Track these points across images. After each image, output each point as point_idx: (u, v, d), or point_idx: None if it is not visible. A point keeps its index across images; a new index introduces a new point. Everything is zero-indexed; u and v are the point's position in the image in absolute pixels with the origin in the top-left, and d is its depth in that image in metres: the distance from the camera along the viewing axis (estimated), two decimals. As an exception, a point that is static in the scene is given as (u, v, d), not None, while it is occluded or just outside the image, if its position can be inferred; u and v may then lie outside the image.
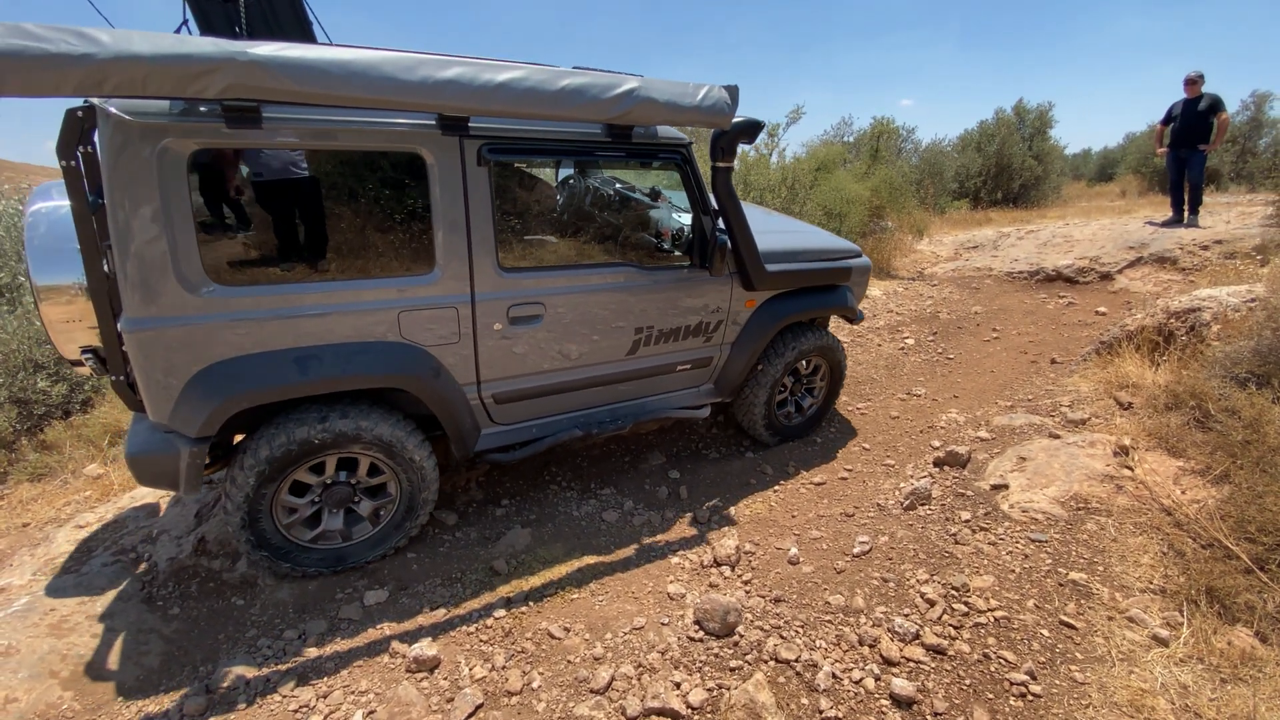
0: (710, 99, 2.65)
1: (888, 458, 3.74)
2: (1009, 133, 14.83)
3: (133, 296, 2.16)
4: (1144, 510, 2.73)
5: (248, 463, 2.48)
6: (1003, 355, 5.41)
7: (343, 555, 2.83)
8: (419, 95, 2.12)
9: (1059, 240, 8.56)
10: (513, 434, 3.05)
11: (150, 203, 2.09)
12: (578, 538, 3.12)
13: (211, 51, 1.86)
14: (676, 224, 3.32)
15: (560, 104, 2.35)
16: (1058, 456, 3.13)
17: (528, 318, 2.82)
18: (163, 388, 2.27)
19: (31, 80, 1.73)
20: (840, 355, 3.92)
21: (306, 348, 2.41)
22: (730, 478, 3.68)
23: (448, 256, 2.58)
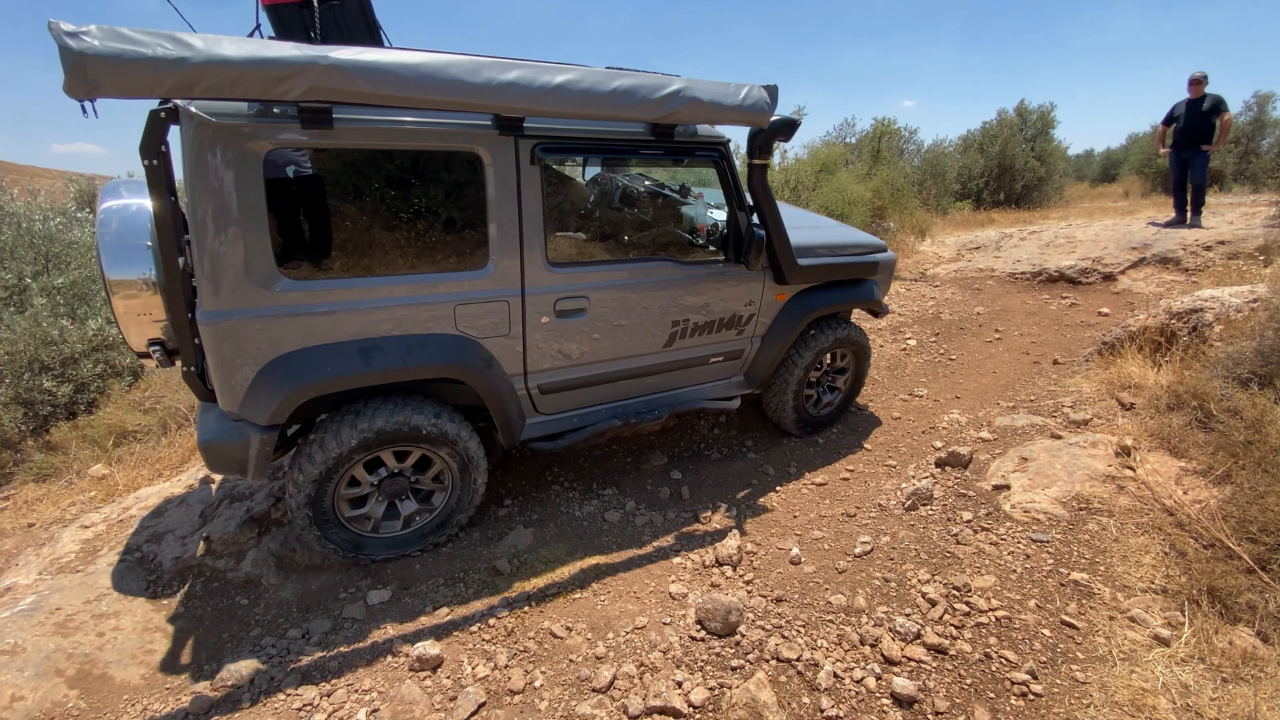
0: (751, 98, 2.75)
1: (889, 458, 3.75)
2: (1011, 134, 14.82)
3: (209, 290, 2.26)
4: (1146, 510, 2.73)
5: (316, 454, 2.58)
6: (1005, 356, 5.41)
7: (404, 540, 2.95)
8: (482, 96, 2.21)
9: (1061, 241, 8.55)
10: (555, 423, 3.16)
11: (228, 199, 2.18)
12: (580, 538, 3.13)
13: (296, 56, 1.96)
14: (710, 220, 3.38)
15: (612, 104, 2.44)
16: (1059, 457, 3.13)
17: (573, 311, 2.92)
18: (235, 378, 2.37)
19: (129, 83, 1.82)
20: (865, 346, 4.02)
21: (370, 339, 2.51)
22: (732, 478, 3.69)
23: (501, 252, 2.67)
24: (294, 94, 1.99)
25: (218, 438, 2.48)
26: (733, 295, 3.37)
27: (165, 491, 3.59)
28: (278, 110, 2.18)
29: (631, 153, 3.02)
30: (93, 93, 1.81)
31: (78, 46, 1.74)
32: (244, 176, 2.18)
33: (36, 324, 5.16)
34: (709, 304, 3.30)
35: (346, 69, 2.01)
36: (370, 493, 2.84)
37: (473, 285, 2.66)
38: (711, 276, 3.26)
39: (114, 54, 1.77)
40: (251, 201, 2.21)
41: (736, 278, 3.34)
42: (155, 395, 5.25)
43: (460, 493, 2.98)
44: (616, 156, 3.19)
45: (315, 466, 2.58)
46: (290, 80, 1.97)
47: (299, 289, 2.38)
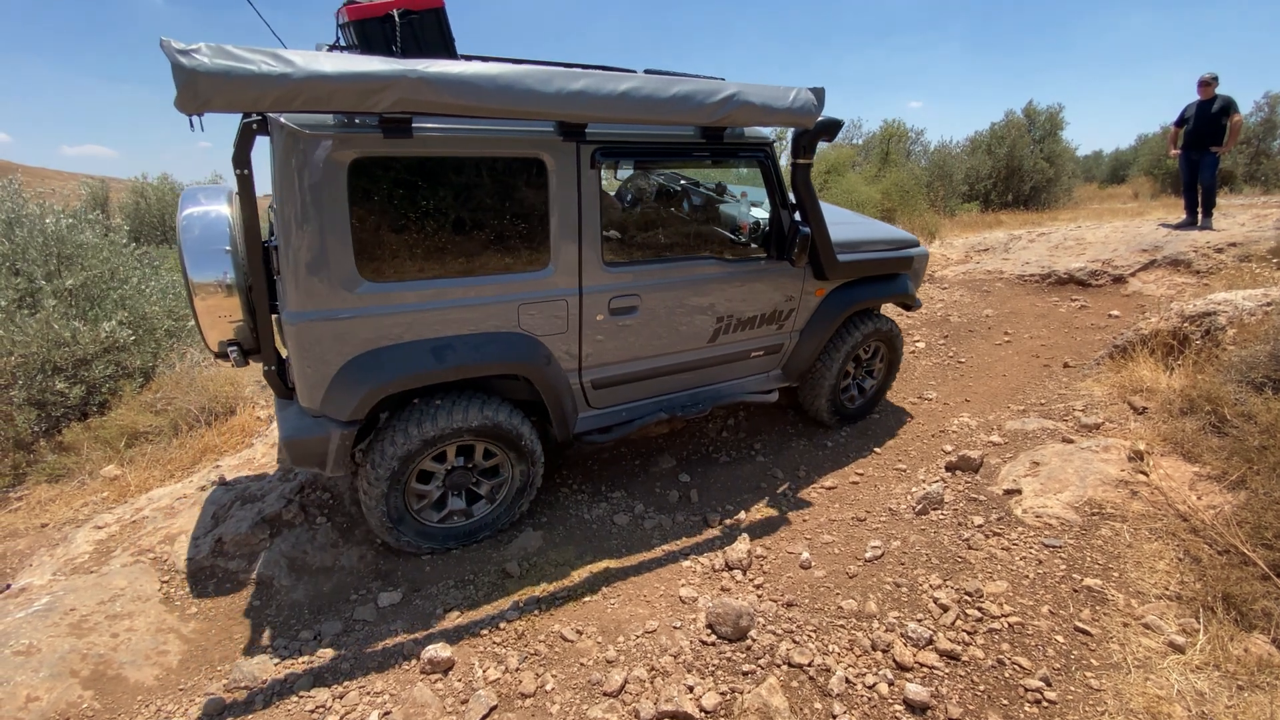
0: (800, 101, 2.88)
1: (899, 462, 3.74)
2: (1019, 135, 14.77)
3: (294, 291, 2.38)
4: (1159, 516, 2.71)
5: (388, 449, 2.68)
6: (1014, 359, 5.39)
7: (471, 531, 3.06)
8: (554, 104, 2.34)
9: (1071, 243, 8.50)
10: (605, 417, 3.28)
11: (314, 206, 2.29)
12: (589, 541, 3.13)
13: (387, 70, 2.07)
14: (752, 218, 3.49)
15: (672, 109, 2.57)
16: (1071, 461, 3.11)
17: (626, 309, 3.05)
18: (317, 375, 2.49)
19: (235, 98, 1.91)
20: (898, 339, 4.12)
21: (443, 338, 2.65)
22: (740, 482, 3.68)
23: (561, 253, 2.80)
24: (383, 106, 2.10)
25: (299, 433, 2.59)
26: (774, 291, 3.48)
27: (178, 492, 3.62)
28: (359, 121, 2.28)
29: (683, 155, 3.12)
30: (202, 108, 1.91)
31: (189, 64, 1.83)
32: (329, 184, 2.29)
33: (48, 326, 5.20)
34: (751, 300, 3.42)
35: (432, 81, 2.12)
36: (438, 486, 2.96)
37: (535, 285, 2.79)
38: (754, 273, 3.37)
39: (222, 71, 1.87)
40: (336, 208, 2.32)
41: (777, 274, 3.45)
42: (166, 396, 5.29)
43: (522, 483, 3.09)
44: (669, 159, 3.29)
45: (389, 462, 2.69)
46: (381, 93, 2.07)
47: (378, 291, 2.50)
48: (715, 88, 2.68)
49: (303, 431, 2.59)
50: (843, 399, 4.12)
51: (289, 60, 1.96)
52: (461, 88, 2.17)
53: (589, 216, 2.82)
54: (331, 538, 3.18)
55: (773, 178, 3.25)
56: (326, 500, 3.38)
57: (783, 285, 3.51)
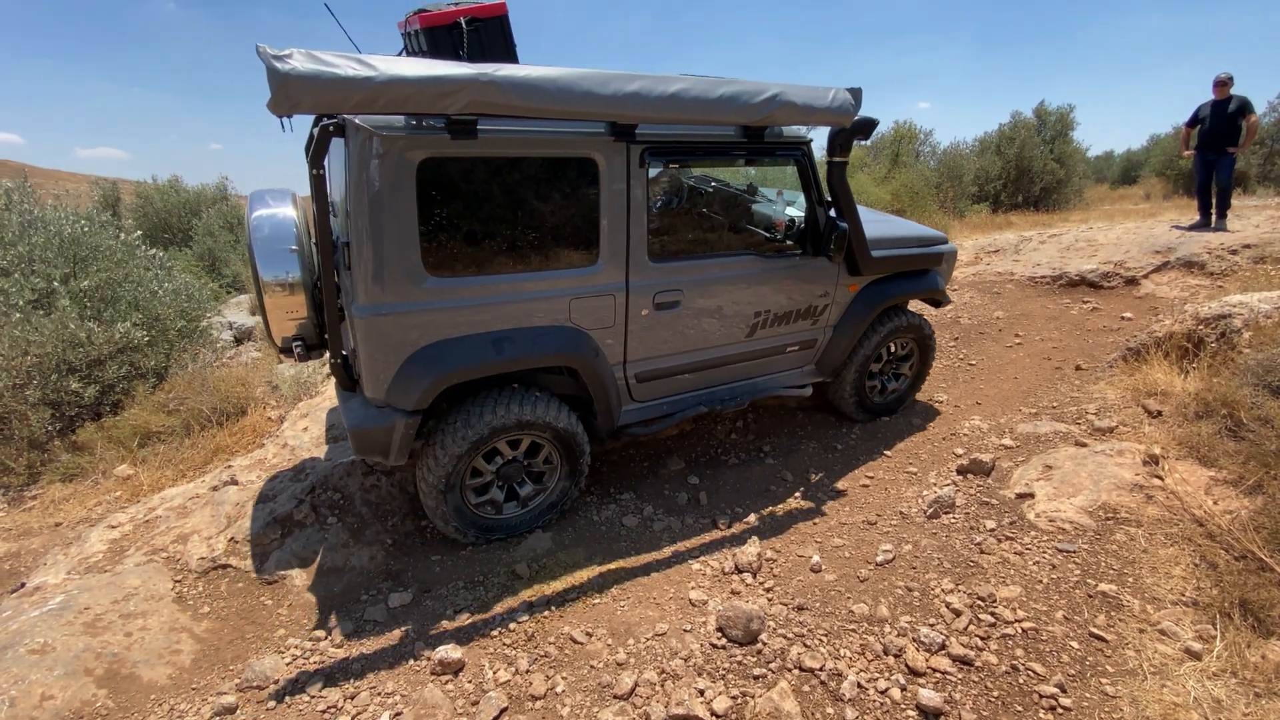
0: (838, 100, 3.01)
1: (910, 465, 3.72)
2: (1029, 135, 14.67)
3: (364, 286, 2.50)
4: (1175, 521, 2.68)
5: (451, 439, 2.80)
6: (1026, 361, 5.35)
7: (523, 521, 3.18)
8: (610, 106, 2.47)
9: (1082, 244, 8.44)
10: (647, 410, 3.39)
11: (385, 203, 2.41)
12: (598, 542, 3.13)
13: (461, 74, 2.20)
14: (787, 216, 3.59)
15: (718, 110, 2.70)
16: (1085, 465, 3.09)
17: (670, 304, 3.15)
18: (383, 367, 2.61)
19: (323, 100, 2.04)
20: (929, 334, 4.18)
21: (501, 331, 2.77)
22: (750, 484, 3.67)
23: (610, 249, 2.92)
24: (455, 108, 2.23)
25: (366, 423, 2.69)
26: (809, 287, 3.58)
27: (190, 492, 3.64)
28: (427, 124, 2.39)
29: (726, 154, 3.27)
30: (293, 109, 2.03)
31: (284, 69, 1.96)
32: (400, 183, 2.40)
33: (64, 326, 5.25)
34: (787, 296, 3.52)
35: (501, 84, 2.25)
36: (492, 479, 3.08)
37: (585, 281, 2.90)
38: (791, 269, 3.48)
39: (313, 74, 1.99)
40: (405, 206, 2.44)
41: (813, 270, 3.55)
42: (179, 397, 5.33)
43: (570, 473, 3.21)
44: (713, 157, 3.41)
45: (453, 449, 2.80)
46: (454, 95, 2.20)
47: (443, 286, 2.62)
48: (759, 88, 2.79)
49: (369, 421, 2.69)
50: (870, 393, 4.18)
51: (372, 65, 2.08)
52: (527, 90, 2.30)
53: (636, 214, 2.93)
54: (342, 538, 3.20)
55: (810, 175, 3.35)
56: (337, 501, 3.39)
57: (817, 281, 3.60)
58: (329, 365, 2.75)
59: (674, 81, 2.59)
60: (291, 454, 3.90)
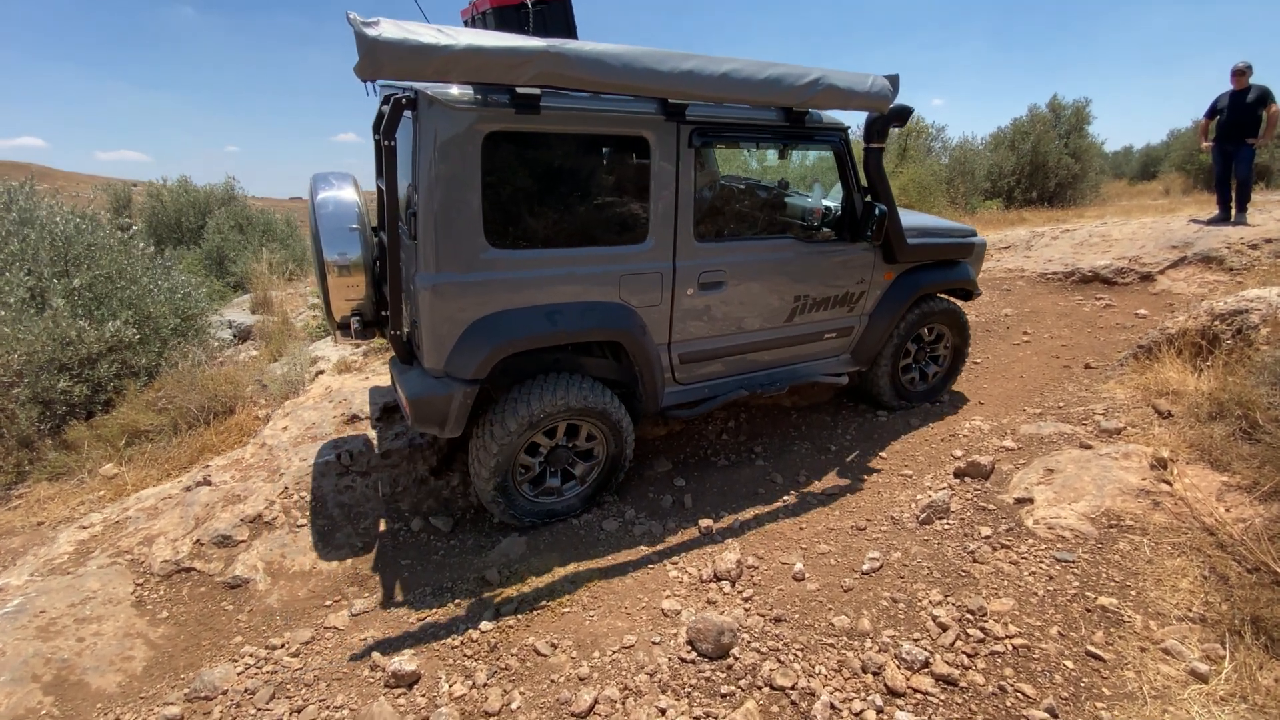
0: (876, 86, 3.11)
1: (905, 467, 3.55)
2: (1044, 130, 14.34)
3: (429, 255, 2.55)
4: (1183, 529, 2.50)
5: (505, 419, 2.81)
6: (1033, 359, 5.15)
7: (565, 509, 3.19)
8: (668, 82, 2.58)
9: (1096, 239, 8.19)
10: (690, 392, 3.42)
11: (452, 175, 2.48)
12: (574, 547, 3.00)
13: (532, 46, 2.30)
14: (824, 205, 3.66)
15: (765, 90, 2.81)
16: (1088, 469, 2.91)
17: (714, 284, 3.20)
18: (444, 336, 2.66)
19: (405, 66, 2.14)
20: (962, 321, 4.21)
21: (555, 304, 2.81)
22: (738, 486, 3.53)
23: (659, 227, 2.97)
24: (525, 78, 2.32)
25: (425, 392, 2.71)
26: (846, 273, 3.63)
27: (164, 493, 3.56)
28: (493, 98, 2.46)
29: (769, 137, 3.30)
30: (378, 74, 2.14)
31: (372, 34, 2.06)
32: (466, 154, 2.47)
33: (55, 324, 5.22)
34: (826, 281, 3.57)
35: (568, 57, 2.36)
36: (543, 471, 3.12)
37: (635, 258, 2.95)
38: (829, 255, 3.54)
39: (398, 41, 2.09)
40: (470, 177, 2.50)
41: (851, 257, 3.61)
42: (168, 395, 5.27)
43: (616, 457, 3.23)
44: (757, 139, 3.45)
45: (511, 427, 2.81)
46: (524, 66, 2.29)
47: (503, 257, 2.67)
48: (804, 71, 2.90)
49: (427, 390, 2.71)
50: (907, 381, 4.20)
51: (451, 34, 2.19)
52: (592, 64, 2.40)
53: (685, 194, 2.98)
54: (311, 541, 3.10)
55: (848, 161, 3.40)
56: (309, 502, 3.30)
57: (855, 268, 3.65)
58: (389, 338, 2.82)
59: (724, 62, 2.69)
60: (269, 454, 3.81)
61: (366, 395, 4.26)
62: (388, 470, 3.55)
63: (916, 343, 4.18)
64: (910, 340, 4.07)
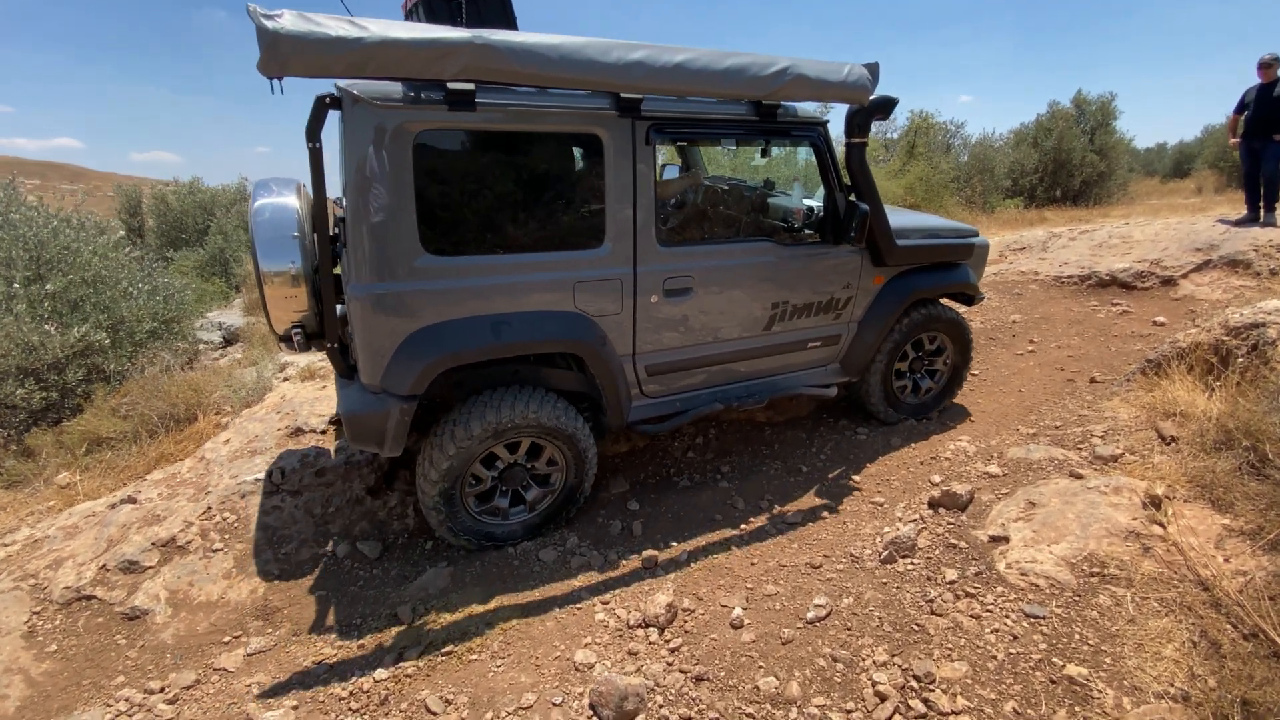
0: (854, 76, 2.87)
1: (878, 493, 3.25)
2: (1067, 126, 13.76)
3: (360, 264, 2.41)
4: (1174, 582, 2.17)
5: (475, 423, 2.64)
6: (1035, 371, 4.79)
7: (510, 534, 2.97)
8: (613, 75, 2.40)
9: (1116, 241, 7.74)
10: (659, 406, 3.20)
11: (382, 178, 2.32)
12: (504, 580, 2.76)
13: (455, 37, 2.14)
14: (805, 205, 3.43)
15: (725, 81, 2.60)
16: (1074, 504, 2.58)
17: (680, 290, 2.98)
18: (379, 349, 2.49)
19: (312, 61, 2.00)
20: (963, 327, 3.90)
21: (501, 314, 2.63)
22: (695, 512, 3.25)
23: (616, 231, 2.77)
24: (449, 73, 2.17)
25: (361, 409, 2.57)
26: (830, 277, 3.39)
27: (89, 509, 3.40)
28: (425, 95, 2.29)
29: (736, 132, 3.11)
30: (283, 70, 1.99)
31: (273, 27, 1.93)
32: (396, 156, 2.31)
33: (18, 329, 5.12)
34: (807, 286, 3.33)
35: (497, 48, 2.19)
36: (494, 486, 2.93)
37: (590, 263, 2.76)
38: (810, 258, 3.29)
39: (303, 34, 1.95)
40: (401, 180, 2.35)
41: (834, 260, 3.36)
42: (132, 402, 5.15)
43: (573, 489, 3.04)
44: (722, 136, 3.26)
45: (457, 446, 2.64)
46: (448, 59, 2.14)
47: (440, 264, 2.50)
48: (769, 61, 2.68)
49: (363, 407, 2.57)
50: (901, 391, 3.91)
51: (363, 26, 2.04)
52: (524, 55, 2.23)
53: (644, 195, 2.79)
54: (225, 567, 2.90)
55: (827, 158, 3.17)
56: (231, 524, 3.10)
57: (839, 271, 3.40)
58: (327, 352, 2.65)
59: (679, 51, 2.50)
60: (205, 469, 3.63)
61: (316, 406, 4.07)
62: (321, 489, 3.34)
63: (917, 349, 3.90)
64: (905, 347, 3.78)
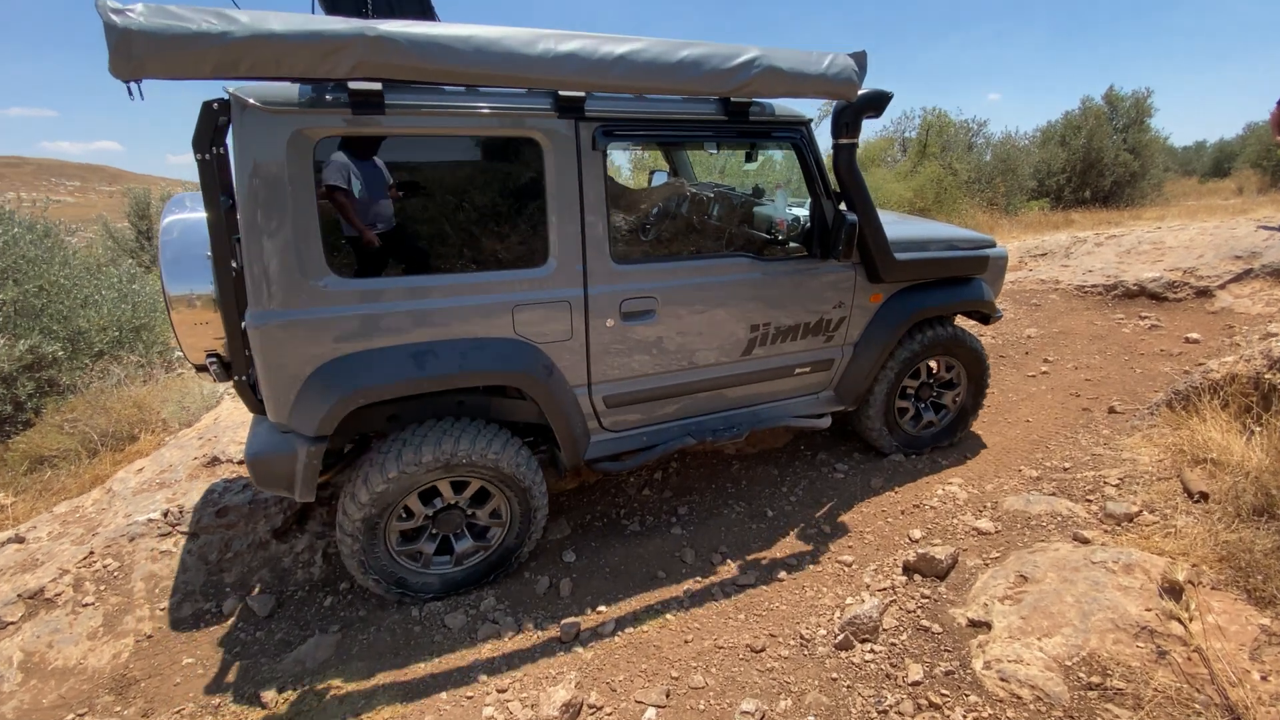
0: (835, 68, 2.52)
1: (847, 549, 2.79)
2: (1099, 124, 13.01)
3: (259, 290, 2.13)
4: (1194, 703, 1.70)
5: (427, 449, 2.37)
6: (1047, 397, 4.27)
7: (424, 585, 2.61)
8: (539, 70, 2.09)
9: (1146, 247, 7.14)
10: (622, 441, 2.90)
11: (278, 192, 2.05)
12: (396, 652, 2.37)
13: (341, 29, 1.87)
14: (791, 215, 3.06)
15: (679, 76, 2.27)
16: (1074, 583, 2.11)
17: (640, 313, 2.67)
18: (283, 384, 2.22)
19: (173, 61, 1.74)
20: (979, 350, 3.48)
21: (425, 343, 2.34)
22: (637, 565, 2.83)
23: (561, 247, 2.47)
24: (340, 71, 1.89)
25: (264, 451, 2.31)
26: (819, 296, 3.03)
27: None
28: (330, 98, 2.04)
29: (703, 135, 2.84)
30: (137, 72, 1.74)
31: (123, 23, 1.68)
32: (294, 167, 2.05)
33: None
34: (792, 306, 2.99)
35: (395, 41, 1.90)
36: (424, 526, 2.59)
37: (531, 284, 2.47)
38: (794, 275, 2.94)
39: (158, 30, 1.70)
40: (301, 193, 2.08)
41: (823, 275, 3.00)
42: (74, 419, 4.90)
43: (510, 551, 2.69)
44: (686, 139, 2.95)
45: (407, 465, 2.36)
46: (336, 55, 1.86)
47: (350, 288, 2.23)
48: (733, 52, 2.35)
49: (268, 449, 2.30)
50: (904, 421, 3.48)
51: (233, 19, 1.78)
52: (430, 49, 1.94)
53: (593, 206, 2.47)
54: (92, 626, 2.56)
55: (810, 162, 2.82)
56: (112, 572, 2.77)
57: (830, 289, 3.04)
58: (235, 386, 2.37)
59: (624, 42, 2.19)
60: (108, 503, 3.31)
61: (240, 433, 3.73)
62: (221, 531, 2.99)
63: (928, 373, 3.51)
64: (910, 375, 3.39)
